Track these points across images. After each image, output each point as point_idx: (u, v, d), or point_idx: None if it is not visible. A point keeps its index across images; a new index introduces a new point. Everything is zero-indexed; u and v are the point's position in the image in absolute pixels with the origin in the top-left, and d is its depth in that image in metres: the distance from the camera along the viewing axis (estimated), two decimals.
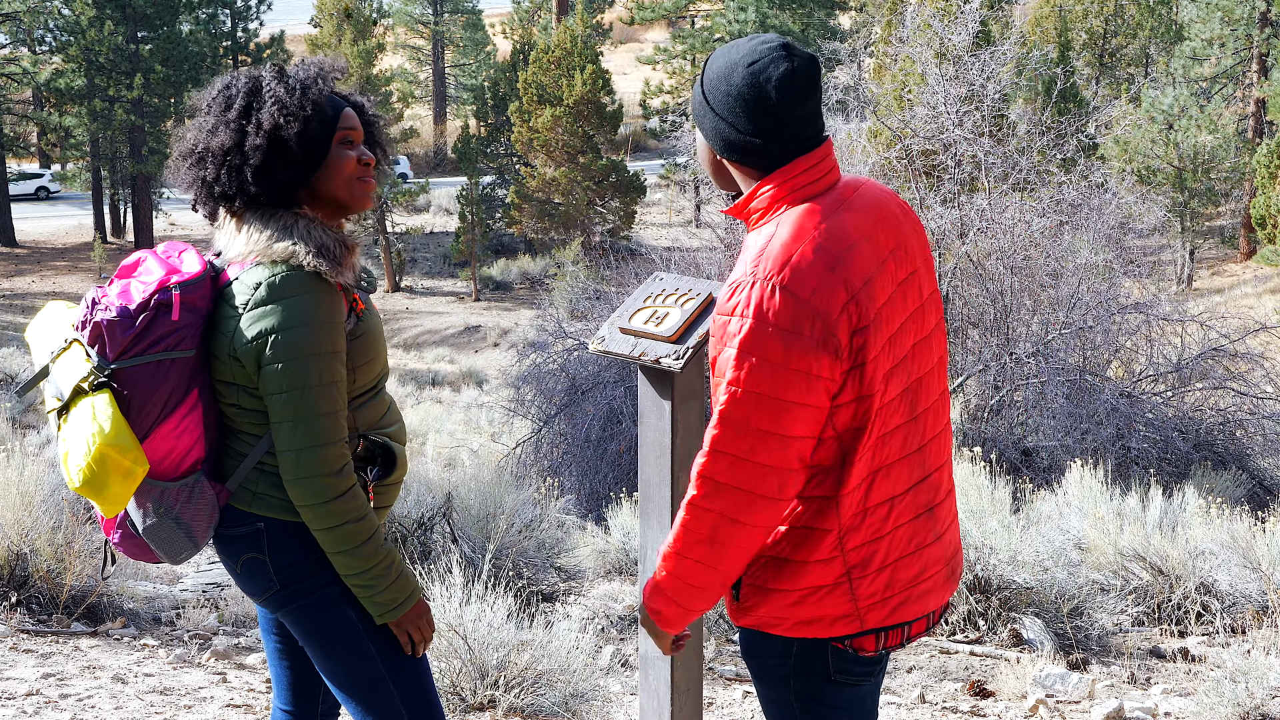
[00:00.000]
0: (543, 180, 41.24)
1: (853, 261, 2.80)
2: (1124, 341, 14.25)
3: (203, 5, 47.64)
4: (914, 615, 2.97)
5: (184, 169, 3.19)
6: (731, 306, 2.77)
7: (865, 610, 2.90)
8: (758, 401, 2.73)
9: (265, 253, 3.07)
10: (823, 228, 2.81)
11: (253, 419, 3.12)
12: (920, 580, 2.97)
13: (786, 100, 2.83)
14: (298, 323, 3.01)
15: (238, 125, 3.09)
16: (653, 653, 3.83)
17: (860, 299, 2.78)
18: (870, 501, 2.86)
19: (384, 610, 3.13)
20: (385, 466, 3.25)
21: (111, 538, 3.23)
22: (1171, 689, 6.57)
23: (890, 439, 2.87)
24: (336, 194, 3.17)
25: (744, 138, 2.86)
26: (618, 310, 3.78)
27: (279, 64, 3.23)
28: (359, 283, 3.18)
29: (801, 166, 2.88)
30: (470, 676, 5.31)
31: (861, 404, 2.80)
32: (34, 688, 5.66)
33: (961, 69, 16.32)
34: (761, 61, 2.83)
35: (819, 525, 2.85)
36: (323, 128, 3.13)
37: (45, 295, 40.40)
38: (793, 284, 2.73)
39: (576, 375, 15.13)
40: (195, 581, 8.34)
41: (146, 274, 3.13)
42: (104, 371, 3.04)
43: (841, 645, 2.92)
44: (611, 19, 62.55)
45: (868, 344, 2.77)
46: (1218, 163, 33.73)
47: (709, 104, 2.90)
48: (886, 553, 2.90)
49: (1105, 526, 8.38)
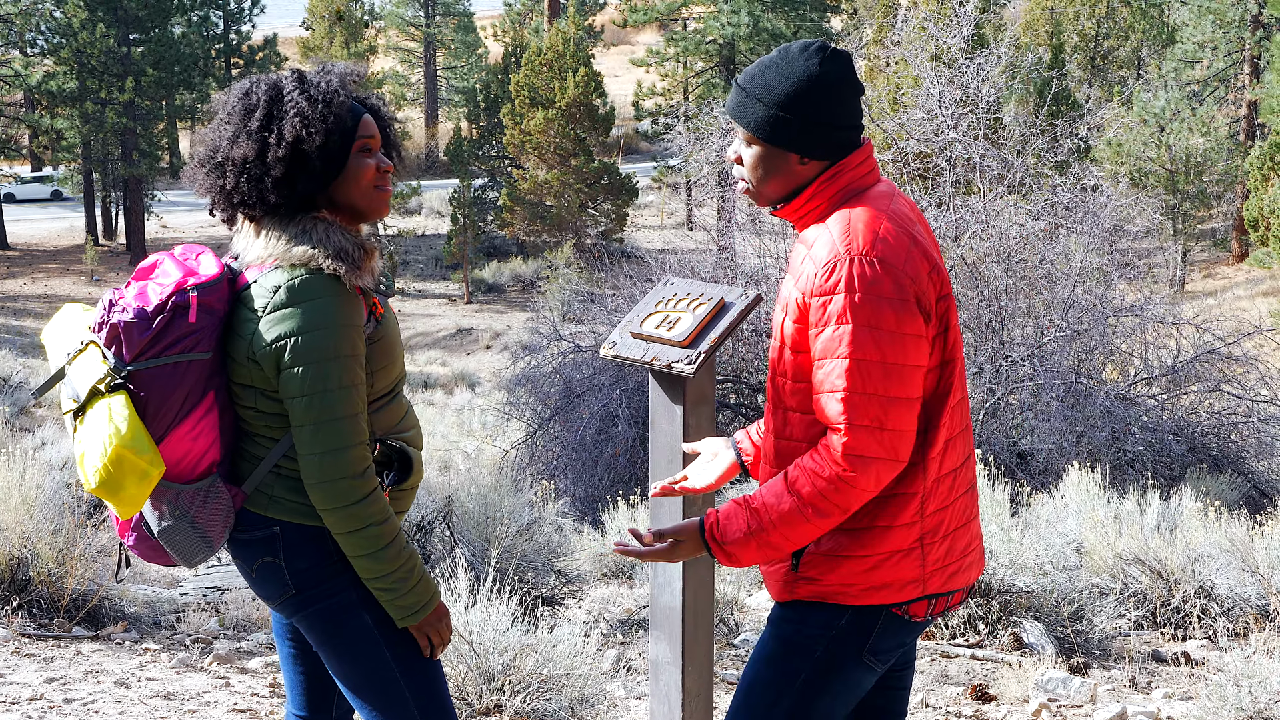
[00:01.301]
0: (535, 182, 41.20)
1: (923, 239, 3.00)
2: (1119, 344, 14.26)
3: (195, 8, 47.55)
4: (961, 585, 3.11)
5: (202, 175, 3.18)
6: (833, 285, 2.88)
7: (929, 575, 3.03)
8: (884, 370, 2.86)
9: (284, 256, 3.07)
10: (891, 209, 2.98)
11: (269, 422, 3.11)
12: (968, 551, 3.12)
13: (848, 87, 2.99)
14: (318, 325, 3.01)
15: (259, 136, 3.08)
16: (664, 658, 3.83)
17: (940, 268, 2.97)
18: (944, 469, 3.01)
19: (406, 614, 3.12)
20: (402, 471, 3.25)
21: (126, 540, 3.22)
22: (1173, 693, 6.58)
23: (956, 411, 3.02)
24: (355, 202, 3.17)
25: (812, 125, 2.97)
26: (629, 315, 3.78)
27: (300, 70, 3.20)
28: (377, 286, 3.18)
29: (858, 159, 3.03)
30: (476, 681, 5.30)
31: (945, 369, 2.98)
32: (38, 692, 5.65)
33: (956, 72, 16.33)
34: (815, 54, 2.98)
35: (905, 490, 2.97)
36: (343, 138, 3.13)
37: (37, 298, 40.32)
38: (888, 255, 2.89)
39: (571, 378, 15.11)
40: (195, 585, 8.32)
41: (164, 276, 3.12)
42: (121, 373, 3.03)
43: (899, 611, 3.03)
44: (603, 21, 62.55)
45: (950, 310, 2.96)
46: (1210, 165, 33.79)
47: (765, 102, 2.99)
48: (950, 521, 3.04)
49: (1103, 530, 8.39)
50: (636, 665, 7.03)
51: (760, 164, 3.04)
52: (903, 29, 19.65)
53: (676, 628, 3.80)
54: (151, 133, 45.39)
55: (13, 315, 37.60)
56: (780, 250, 15.31)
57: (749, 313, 3.67)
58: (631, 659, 7.12)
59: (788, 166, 3.02)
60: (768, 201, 3.08)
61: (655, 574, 3.85)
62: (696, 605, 3.84)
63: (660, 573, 3.83)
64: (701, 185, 24.91)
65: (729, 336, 3.64)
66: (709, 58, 45.76)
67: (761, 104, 2.99)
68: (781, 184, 3.05)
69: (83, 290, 40.99)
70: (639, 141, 55.95)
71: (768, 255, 15.46)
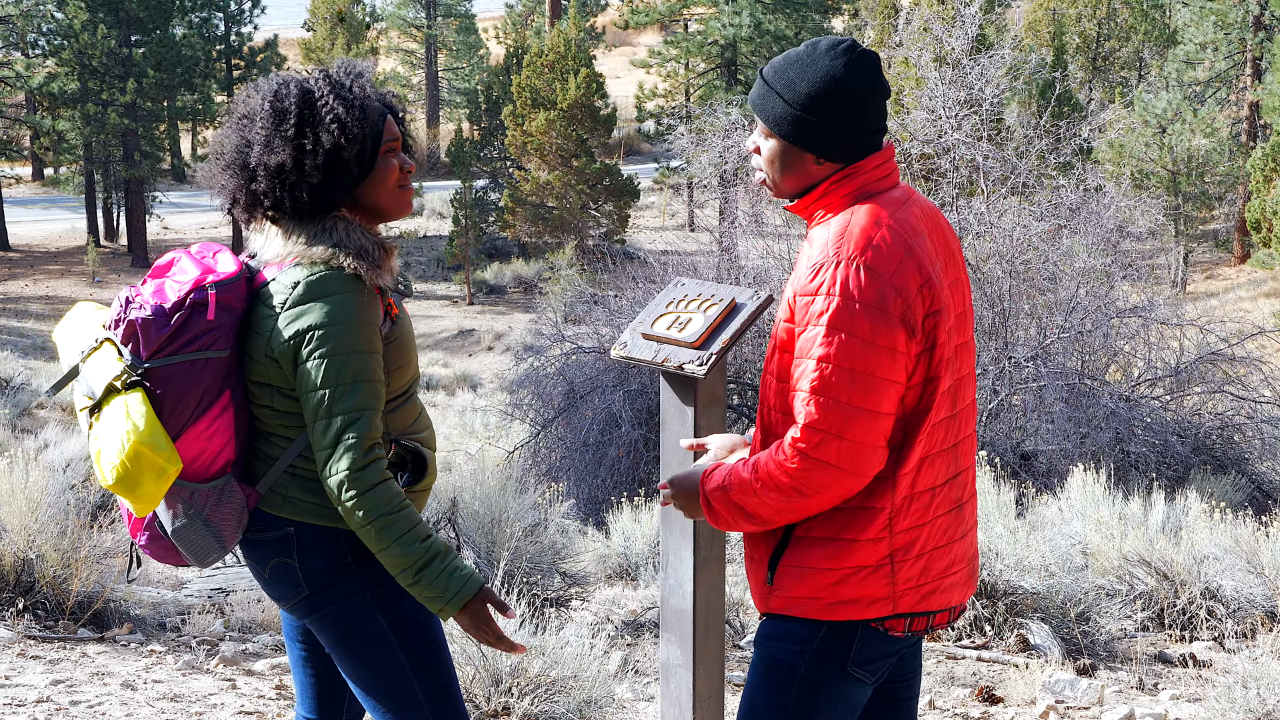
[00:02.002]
0: (536, 184, 41.15)
1: (924, 250, 2.94)
2: (1122, 345, 14.25)
3: (196, 9, 47.47)
4: (940, 606, 3.07)
5: (225, 177, 3.16)
6: (815, 286, 2.87)
7: (900, 594, 2.99)
8: (850, 378, 2.83)
9: (304, 254, 3.06)
10: (897, 216, 2.95)
11: (285, 421, 3.10)
12: (949, 573, 3.07)
13: (872, 90, 2.96)
14: (336, 321, 2.99)
15: (296, 143, 3.06)
16: (675, 660, 3.82)
17: (933, 283, 2.91)
18: (918, 487, 2.96)
19: (433, 604, 3.04)
20: (416, 472, 3.23)
21: (138, 540, 3.21)
22: (1181, 695, 6.57)
23: (938, 429, 2.98)
24: (380, 202, 3.16)
25: (831, 126, 2.94)
26: (639, 316, 3.77)
27: (327, 71, 3.17)
28: (395, 286, 3.17)
29: (875, 162, 3.00)
30: (484, 683, 5.29)
31: (928, 386, 2.93)
32: (44, 694, 5.64)
33: (960, 73, 16.32)
34: (842, 54, 2.96)
35: (871, 504, 2.94)
36: (374, 142, 3.12)
37: (38, 299, 40.27)
38: (875, 263, 2.86)
39: (574, 379, 15.10)
40: (200, 587, 8.31)
41: (181, 273, 3.11)
42: (137, 370, 3.02)
43: (876, 625, 3.00)
44: (604, 22, 62.50)
45: (938, 327, 2.91)
46: (1211, 166, 33.74)
47: (786, 99, 2.97)
48: (925, 540, 3.00)
49: (1109, 531, 8.38)
50: (642, 667, 7.02)
51: (777, 158, 3.04)
52: (905, 30, 19.64)
53: (688, 630, 3.79)
54: (153, 134, 45.31)
55: (14, 317, 37.57)
56: (782, 251, 15.30)
57: (760, 313, 3.66)
58: (638, 660, 7.12)
59: (803, 165, 3.01)
60: (782, 195, 3.08)
61: (666, 577, 3.84)
62: (708, 608, 3.83)
63: (671, 575, 3.82)
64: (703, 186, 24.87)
65: (741, 337, 3.63)
66: (710, 59, 45.72)
67: (783, 100, 2.98)
68: (796, 180, 3.04)
69: (84, 292, 40.95)
70: (641, 143, 55.88)
71: (770, 256, 15.45)
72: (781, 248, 15.40)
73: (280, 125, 3.08)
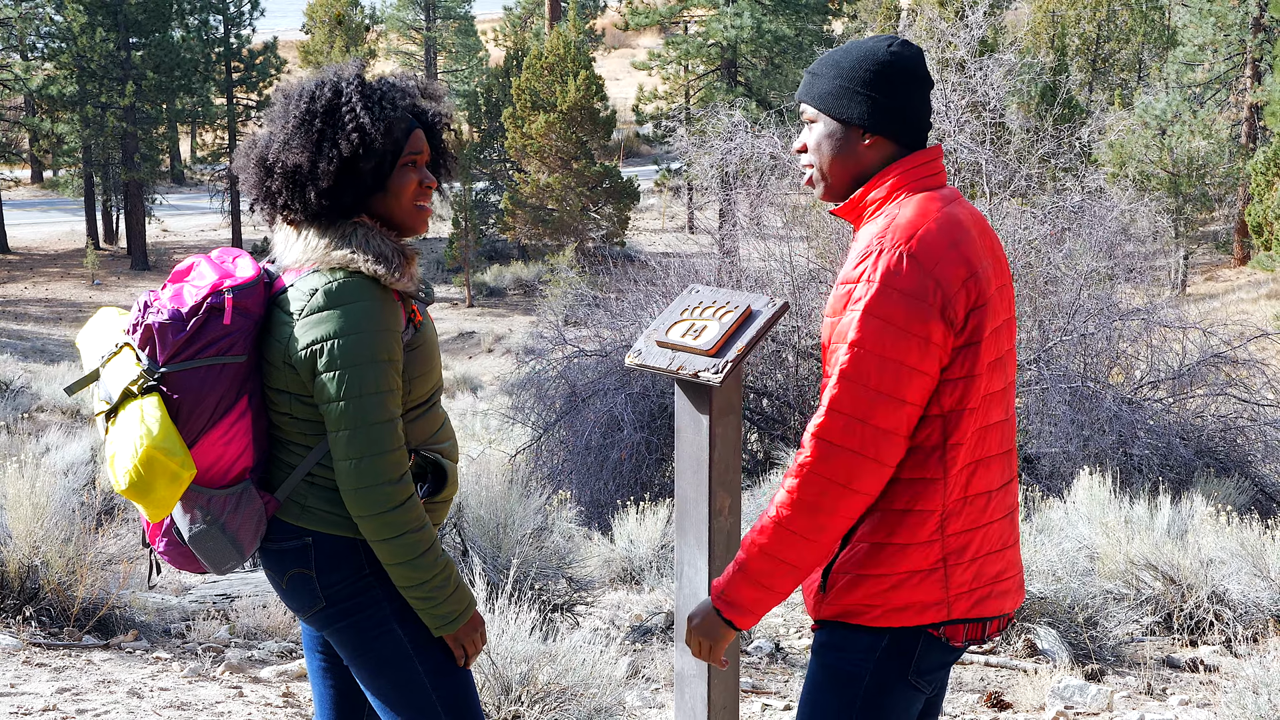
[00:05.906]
0: (536, 186, 41.14)
1: (970, 245, 2.94)
2: (1124, 348, 14.24)
3: (194, 12, 47.49)
4: (994, 612, 3.05)
5: (251, 171, 3.14)
6: (858, 274, 2.88)
7: (954, 599, 2.97)
8: (879, 363, 2.82)
9: (323, 260, 3.03)
10: (944, 212, 2.95)
11: (304, 429, 3.07)
12: (1001, 579, 3.06)
13: (916, 77, 2.99)
14: (355, 329, 2.97)
15: (314, 146, 3.04)
16: (690, 670, 3.80)
17: (979, 278, 2.91)
18: (971, 490, 2.95)
19: (442, 623, 3.08)
20: (436, 483, 3.20)
21: (157, 546, 3.18)
22: (1190, 700, 6.55)
23: (991, 433, 2.97)
24: (394, 216, 3.13)
25: (878, 98, 2.96)
26: (654, 322, 3.75)
27: (362, 79, 3.13)
28: (417, 293, 3.14)
29: (923, 158, 3.01)
30: (494, 692, 5.26)
31: (969, 383, 2.91)
32: (50, 703, 5.61)
33: (963, 76, 16.30)
34: (885, 40, 3.00)
35: (921, 507, 2.92)
36: (393, 155, 3.10)
37: (38, 302, 40.25)
38: (919, 253, 2.86)
39: (576, 382, 15.07)
40: (205, 593, 8.28)
41: (199, 278, 3.09)
42: (154, 375, 2.99)
43: (936, 632, 2.98)
44: (604, 25, 62.53)
45: (983, 324, 2.90)
46: (1211, 168, 33.74)
47: (832, 76, 3.00)
48: (979, 544, 2.99)
49: (1114, 535, 8.36)
50: (650, 673, 7.00)
51: (824, 142, 3.02)
52: (906, 32, 19.62)
53: None
54: (152, 137, 45.29)
55: (14, 319, 37.54)
56: (784, 253, 15.28)
57: (776, 321, 3.64)
58: (645, 666, 7.09)
59: (851, 146, 3.00)
60: (830, 191, 3.05)
61: (681, 586, 3.82)
62: None
63: (686, 585, 3.80)
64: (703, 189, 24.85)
65: (756, 345, 3.61)
66: (710, 61, 45.70)
67: (827, 78, 3.00)
68: (844, 166, 3.02)
69: (84, 294, 40.93)
70: (640, 145, 55.90)
71: (771, 259, 15.43)
72: (783, 250, 15.38)
73: (303, 126, 3.07)
